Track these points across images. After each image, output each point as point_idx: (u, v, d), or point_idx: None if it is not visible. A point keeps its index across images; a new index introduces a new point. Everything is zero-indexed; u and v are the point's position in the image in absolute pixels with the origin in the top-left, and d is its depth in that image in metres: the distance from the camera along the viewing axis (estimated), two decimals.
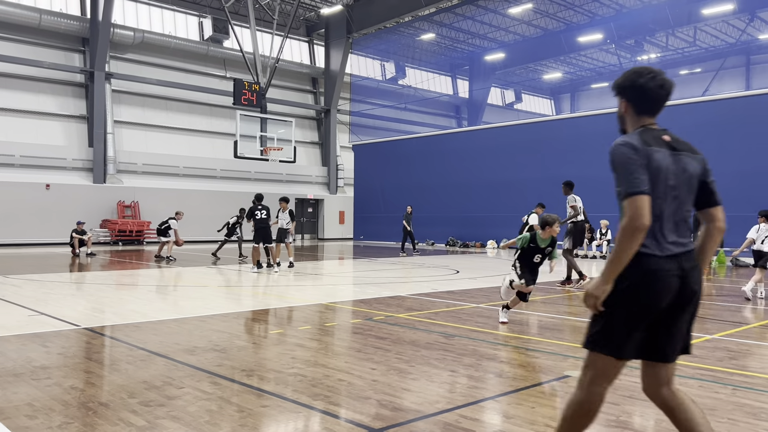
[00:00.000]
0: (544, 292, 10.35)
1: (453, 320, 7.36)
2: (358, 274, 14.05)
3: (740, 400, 4.20)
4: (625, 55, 35.97)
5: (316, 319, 7.58)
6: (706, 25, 32.96)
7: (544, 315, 7.92)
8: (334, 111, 34.05)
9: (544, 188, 23.33)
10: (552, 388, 4.53)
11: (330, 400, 4.17)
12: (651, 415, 3.91)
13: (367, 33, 32.55)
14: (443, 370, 4.99)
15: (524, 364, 5.20)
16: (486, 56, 36.74)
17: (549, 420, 3.77)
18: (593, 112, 24.97)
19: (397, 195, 29.30)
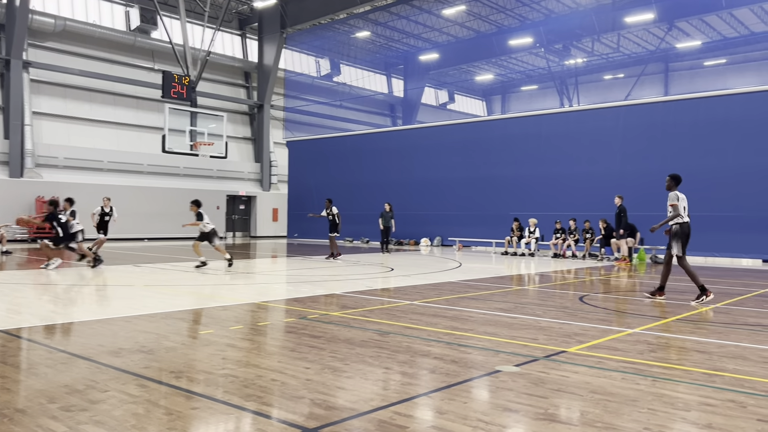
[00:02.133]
0: (475, 289, 10.55)
1: (387, 317, 7.39)
2: (292, 273, 13.90)
3: (659, 391, 4.41)
4: (554, 59, 37.21)
5: (248, 318, 7.45)
6: (629, 33, 34.47)
7: (475, 311, 8.07)
8: (267, 106, 33.54)
9: (476, 186, 23.83)
10: (483, 384, 4.62)
11: (263, 400, 4.10)
12: (578, 407, 4.05)
13: (302, 28, 32.24)
14: (378, 367, 4.99)
15: (457, 360, 5.27)
16: (420, 56, 37.20)
17: (481, 415, 3.84)
18: (523, 114, 25.68)
19: (332, 192, 29.14)
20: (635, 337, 6.44)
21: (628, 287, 11.77)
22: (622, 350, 5.75)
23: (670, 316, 7.87)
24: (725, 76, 34.47)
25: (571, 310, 8.35)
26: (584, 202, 20.53)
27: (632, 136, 20.38)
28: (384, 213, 21.34)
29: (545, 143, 22.29)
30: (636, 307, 8.96)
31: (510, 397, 4.21)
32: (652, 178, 19.33)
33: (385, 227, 21.24)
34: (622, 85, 37.35)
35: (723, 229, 18.18)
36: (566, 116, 23.91)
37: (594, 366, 5.13)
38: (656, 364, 5.24)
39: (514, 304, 8.88)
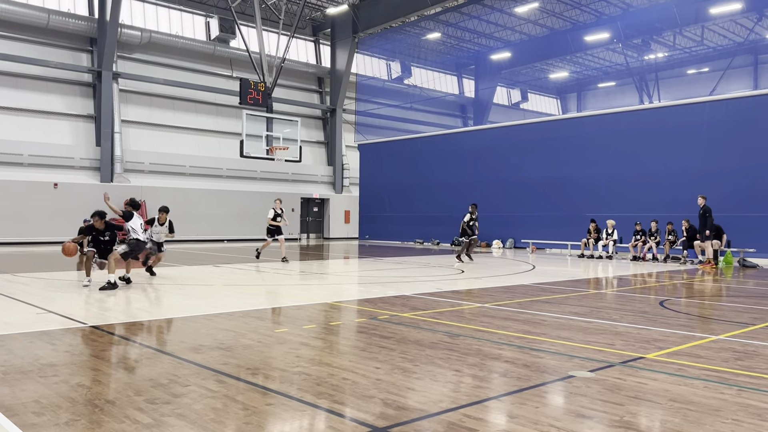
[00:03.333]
0: (549, 293, 10.34)
1: (457, 320, 7.36)
2: (363, 274, 14.07)
3: (745, 401, 4.19)
4: (632, 55, 35.87)
5: (321, 318, 7.61)
6: (713, 24, 32.78)
7: (548, 315, 7.91)
8: (339, 110, 34.06)
9: (551, 187, 23.30)
10: (556, 389, 4.53)
11: (334, 398, 4.18)
12: (656, 415, 3.91)
13: (373, 33, 32.56)
14: (447, 369, 4.99)
15: (528, 364, 5.20)
16: (492, 55, 36.72)
17: (553, 420, 3.77)
18: (599, 112, 24.90)
19: (403, 194, 29.30)
20: (720, 344, 6.14)
21: (713, 292, 11.20)
22: (706, 357, 5.50)
23: (758, 322, 7.45)
24: None
25: (650, 315, 8.05)
26: (665, 202, 19.68)
27: (717, 133, 19.36)
28: None
29: (623, 141, 21.53)
30: (721, 312, 8.53)
31: (584, 403, 4.12)
32: (738, 178, 18.33)
33: None
34: (706, 79, 35.51)
35: None
36: (646, 113, 23.00)
37: (674, 373, 4.93)
38: (742, 372, 4.98)
39: (590, 308, 8.65)
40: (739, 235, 17.45)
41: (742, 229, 17.47)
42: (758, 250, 17.40)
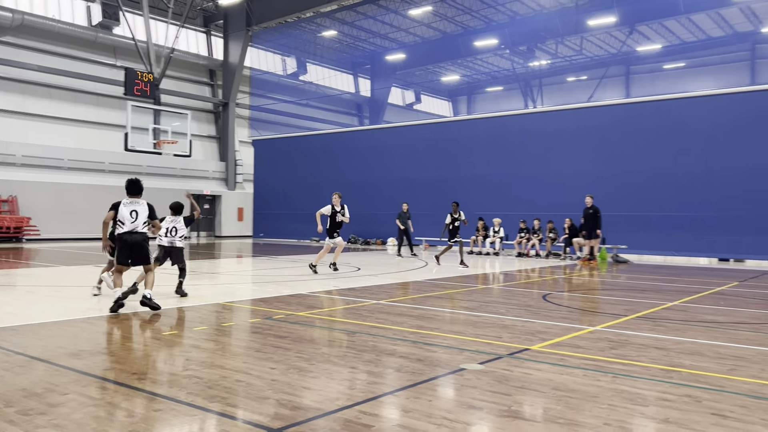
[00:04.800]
0: (441, 288, 10.63)
1: (354, 317, 7.39)
2: (258, 273, 13.80)
3: (619, 387, 4.52)
4: (519, 61, 37.66)
5: (213, 319, 7.37)
6: (591, 36, 35.08)
7: (441, 310, 8.13)
8: (232, 104, 33.16)
9: (443, 186, 23.97)
10: (448, 382, 4.66)
11: (227, 401, 4.06)
12: (541, 403, 4.12)
13: (268, 27, 31.97)
14: (344, 367, 5.00)
15: (422, 359, 5.31)
16: (387, 56, 37.25)
17: (445, 413, 3.88)
18: (488, 115, 25.94)
19: (299, 192, 29.03)
20: (596, 334, 6.58)
21: (591, 286, 11.99)
22: (584, 347, 5.87)
23: (630, 314, 8.06)
24: (684, 80, 35.37)
25: (534, 308, 8.48)
26: (547, 202, 20.83)
27: (595, 138, 20.77)
28: (401, 213, 20.72)
29: (510, 144, 22.56)
30: (597, 305, 9.15)
31: (474, 395, 4.26)
32: (612, 179, 19.75)
33: (404, 228, 20.48)
34: (584, 87, 37.99)
35: (681, 229, 18.67)
36: (530, 117, 24.22)
37: (556, 363, 5.22)
38: (616, 360, 5.36)
39: (479, 302, 8.98)
40: (612, 233, 18.81)
41: (616, 227, 18.84)
42: (630, 246, 18.85)
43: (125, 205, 7.93)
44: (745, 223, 17.61)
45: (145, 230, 8.04)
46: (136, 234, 7.90)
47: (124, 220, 7.88)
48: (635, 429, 3.70)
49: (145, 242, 7.99)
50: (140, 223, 7.94)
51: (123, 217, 7.88)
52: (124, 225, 7.88)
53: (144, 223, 8.00)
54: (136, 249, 7.92)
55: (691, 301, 9.44)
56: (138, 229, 7.92)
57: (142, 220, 7.97)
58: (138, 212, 7.95)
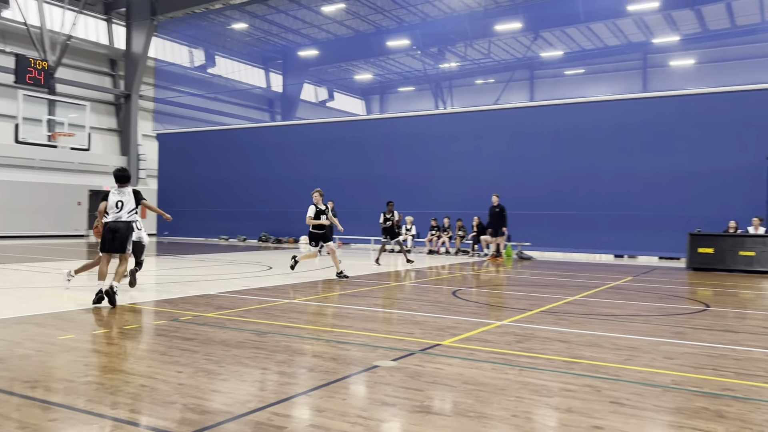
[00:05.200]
0: (354, 286, 10.63)
1: (265, 317, 7.25)
2: (162, 273, 13.25)
3: (525, 379, 4.68)
4: (429, 62, 38.34)
5: (114, 321, 7.00)
6: (498, 40, 36.25)
7: (354, 307, 8.13)
8: (135, 96, 31.68)
9: (355, 184, 24.02)
10: (362, 379, 4.66)
11: (131, 407, 3.86)
12: (452, 398, 4.20)
13: (174, 17, 30.78)
14: (255, 368, 4.88)
15: (336, 357, 5.28)
16: (299, 52, 36.86)
17: (359, 411, 3.87)
18: (401, 114, 26.26)
19: (207, 189, 28.19)
20: (504, 328, 6.80)
21: (498, 281, 12.39)
22: (492, 342, 6.05)
23: (534, 308, 8.39)
24: (583, 85, 37.30)
25: (445, 304, 8.66)
26: (458, 200, 21.36)
27: (502, 139, 21.50)
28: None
29: (422, 143, 22.94)
30: (504, 300, 9.46)
31: (388, 392, 4.28)
32: (517, 179, 20.52)
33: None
34: (492, 89, 39.25)
35: (580, 227, 19.69)
36: (441, 118, 24.74)
37: (466, 357, 5.35)
38: (523, 354, 5.56)
39: (392, 299, 9.06)
40: (517, 231, 19.55)
41: (520, 225, 19.59)
42: (533, 243, 19.67)
43: (112, 194, 8.18)
44: (638, 222, 18.81)
45: (131, 219, 8.19)
46: (119, 223, 8.08)
47: (109, 210, 8.14)
48: (541, 419, 3.84)
49: (127, 231, 8.14)
50: (125, 213, 8.11)
51: (109, 206, 8.14)
52: (108, 215, 8.13)
53: (129, 212, 8.15)
54: (117, 237, 8.07)
55: (590, 296, 9.96)
56: (122, 219, 8.08)
57: (127, 210, 8.12)
58: (123, 202, 8.12)
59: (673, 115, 18.95)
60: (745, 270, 14.61)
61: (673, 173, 18.47)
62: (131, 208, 8.17)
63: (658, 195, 18.68)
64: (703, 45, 34.24)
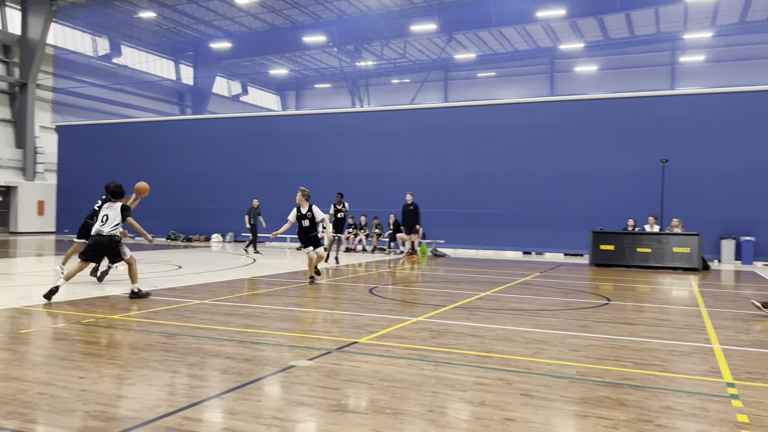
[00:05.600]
0: (270, 285, 10.45)
1: (175, 318, 6.98)
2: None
3: (441, 375, 4.76)
4: (346, 60, 38.32)
5: (8, 326, 6.52)
6: (414, 41, 36.74)
7: (269, 307, 7.99)
8: (32, 86, 29.68)
9: (270, 181, 23.63)
10: (277, 380, 4.57)
11: (26, 417, 3.60)
12: (369, 395, 4.20)
13: (76, 2, 29.13)
14: (164, 372, 4.69)
15: (250, 358, 5.16)
16: (212, 44, 35.78)
17: (275, 412, 3.79)
18: (317, 111, 26.09)
19: None
20: (419, 325, 6.89)
21: (413, 278, 12.56)
22: (408, 338, 6.11)
23: (449, 304, 8.56)
24: (495, 88, 38.49)
25: (362, 302, 8.67)
26: (374, 198, 21.45)
27: (417, 138, 21.82)
28: (251, 209, 19.50)
29: (338, 141, 22.88)
30: (419, 297, 9.60)
31: (304, 392, 4.23)
32: (431, 178, 20.88)
33: (252, 225, 19.25)
34: (408, 89, 39.77)
35: (491, 225, 20.31)
36: (358, 116, 24.78)
37: (383, 355, 5.37)
38: (438, 349, 5.65)
39: (308, 298, 8.97)
40: (431, 229, 19.91)
41: (435, 223, 19.97)
42: (447, 241, 20.09)
43: (104, 208, 8.61)
44: (545, 220, 19.63)
45: (112, 232, 8.43)
46: (102, 237, 8.39)
47: (96, 222, 8.61)
48: (455, 413, 3.91)
49: (111, 243, 8.44)
50: (108, 227, 8.40)
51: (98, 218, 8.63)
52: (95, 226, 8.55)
53: (113, 227, 8.42)
54: (104, 249, 8.51)
55: (501, 291, 10.28)
56: (103, 232, 8.38)
57: (111, 224, 8.41)
58: (109, 217, 8.45)
59: (578, 119, 19.91)
60: (642, 266, 15.56)
61: (578, 174, 19.40)
62: (116, 223, 8.45)
63: (564, 194, 19.56)
64: (606, 52, 36.19)
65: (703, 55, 34.02)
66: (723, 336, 6.57)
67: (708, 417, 3.86)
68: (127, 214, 8.55)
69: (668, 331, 6.86)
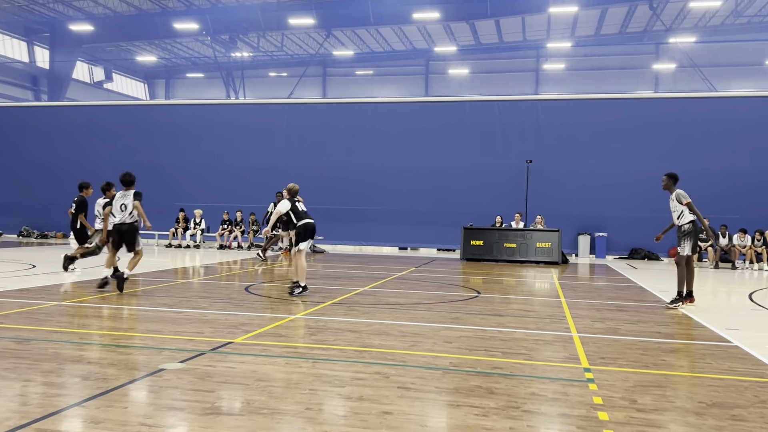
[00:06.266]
0: (136, 285, 9.88)
1: (28, 322, 6.40)
2: None
3: (319, 371, 4.73)
4: (220, 50, 37.10)
5: None
6: (292, 34, 36.33)
7: (137, 308, 7.55)
8: None
9: (137, 174, 22.30)
10: (146, 385, 4.33)
11: None
12: (245, 396, 4.08)
13: None
14: (15, 381, 4.27)
15: (115, 363, 4.84)
16: (71, 25, 33.10)
17: (143, 418, 3.58)
18: (189, 102, 25.03)
19: None
20: (297, 322, 6.82)
21: (291, 276, 12.40)
22: (286, 336, 6.03)
23: (327, 300, 8.55)
24: (373, 86, 39.00)
25: (237, 300, 8.44)
26: (251, 193, 20.93)
27: (295, 133, 21.59)
28: None
29: (212, 133, 22.08)
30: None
31: (175, 396, 4.03)
32: (314, 172, 20.76)
33: None
34: (286, 83, 39.27)
35: (369, 221, 20.58)
36: (233, 108, 24.10)
37: (260, 354, 5.25)
38: (316, 346, 5.62)
39: (179, 298, 8.59)
40: None
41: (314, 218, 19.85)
42: (326, 237, 20.05)
43: (117, 199, 9.12)
44: (419, 216, 20.19)
45: (133, 220, 9.03)
46: (123, 225, 8.99)
47: (116, 213, 9.09)
48: (333, 410, 3.91)
49: (132, 231, 9.04)
50: (127, 215, 8.96)
51: (115, 210, 9.12)
52: (115, 217, 9.10)
53: (131, 214, 8.98)
54: (125, 237, 9.05)
55: (378, 286, 10.43)
56: (125, 221, 8.97)
57: (129, 212, 8.97)
58: (126, 205, 8.97)
59: (451, 119, 20.68)
60: (509, 260, 16.48)
61: (450, 172, 20.14)
62: (132, 210, 9.01)
63: (438, 192, 20.24)
64: (477, 57, 37.89)
65: (564, 64, 36.62)
66: (580, 325, 7.10)
67: (568, 401, 4.15)
68: (138, 198, 9.08)
69: (533, 322, 7.30)
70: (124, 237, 9.03)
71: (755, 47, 33.30)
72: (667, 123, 19.09)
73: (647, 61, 35.99)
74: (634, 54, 35.63)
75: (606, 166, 19.19)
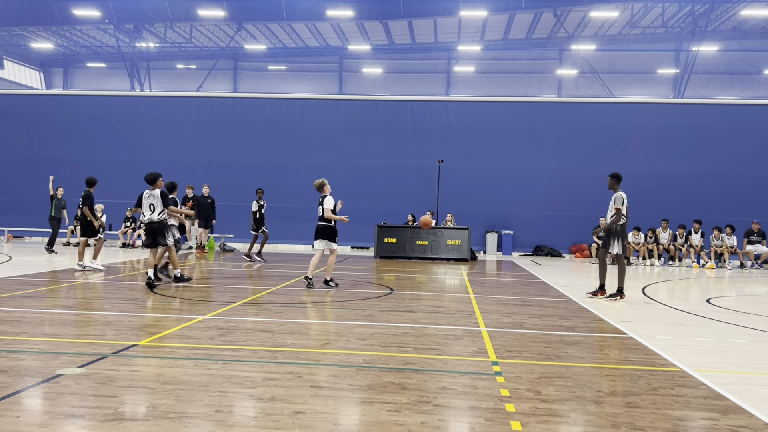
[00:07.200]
0: (31, 286, 9.26)
1: None
2: None
3: (229, 373, 4.62)
4: (124, 39, 35.43)
5: None
6: (201, 26, 35.22)
7: (30, 311, 7.07)
8: None
9: (30, 169, 20.94)
10: (41, 392, 4.06)
11: None
12: (150, 401, 3.92)
13: None
14: None
15: (6, 369, 4.51)
16: None
17: (38, 428, 3.36)
18: (89, 93, 23.73)
19: None
20: (206, 323, 6.62)
21: (201, 275, 12.04)
22: (194, 337, 5.84)
23: (238, 300, 8.36)
24: (286, 82, 38.48)
25: (142, 301, 8.09)
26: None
27: (204, 128, 20.96)
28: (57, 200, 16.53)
29: (116, 126, 21.04)
30: (206, 294, 9.23)
31: (74, 402, 3.81)
32: (222, 170, 20.24)
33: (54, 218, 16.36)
34: (194, 76, 38.05)
35: (282, 219, 20.28)
36: (138, 101, 23.07)
37: (166, 356, 5.06)
38: (226, 347, 5.48)
39: (78, 299, 8.13)
40: (220, 223, 19.27)
41: (222, 217, 19.34)
42: (236, 235, 19.62)
43: (145, 198, 9.58)
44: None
45: (161, 218, 9.55)
46: (152, 224, 9.52)
47: (145, 212, 9.57)
48: (244, 411, 3.82)
49: (161, 227, 9.60)
50: (155, 214, 9.50)
51: (144, 209, 9.57)
52: (144, 216, 9.59)
53: (159, 213, 9.49)
54: (150, 236, 9.55)
55: (290, 285, 10.32)
56: (154, 220, 9.50)
57: (158, 210, 9.49)
58: (154, 205, 9.49)
59: (365, 118, 20.77)
60: (421, 257, 16.76)
61: (365, 169, 20.23)
62: (160, 210, 9.52)
63: (352, 189, 20.19)
64: (390, 56, 38.24)
65: (474, 66, 37.67)
66: (488, 319, 7.33)
67: (477, 394, 4.28)
68: (168, 202, 9.59)
69: (443, 317, 7.46)
70: (154, 233, 9.51)
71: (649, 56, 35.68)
72: (569, 126, 20.06)
73: (551, 67, 37.69)
74: (539, 59, 37.19)
75: (512, 166, 19.92)
